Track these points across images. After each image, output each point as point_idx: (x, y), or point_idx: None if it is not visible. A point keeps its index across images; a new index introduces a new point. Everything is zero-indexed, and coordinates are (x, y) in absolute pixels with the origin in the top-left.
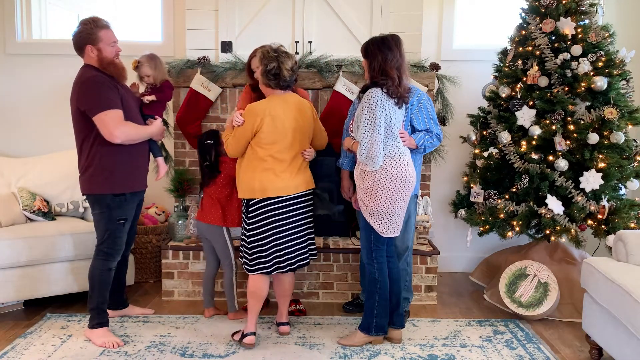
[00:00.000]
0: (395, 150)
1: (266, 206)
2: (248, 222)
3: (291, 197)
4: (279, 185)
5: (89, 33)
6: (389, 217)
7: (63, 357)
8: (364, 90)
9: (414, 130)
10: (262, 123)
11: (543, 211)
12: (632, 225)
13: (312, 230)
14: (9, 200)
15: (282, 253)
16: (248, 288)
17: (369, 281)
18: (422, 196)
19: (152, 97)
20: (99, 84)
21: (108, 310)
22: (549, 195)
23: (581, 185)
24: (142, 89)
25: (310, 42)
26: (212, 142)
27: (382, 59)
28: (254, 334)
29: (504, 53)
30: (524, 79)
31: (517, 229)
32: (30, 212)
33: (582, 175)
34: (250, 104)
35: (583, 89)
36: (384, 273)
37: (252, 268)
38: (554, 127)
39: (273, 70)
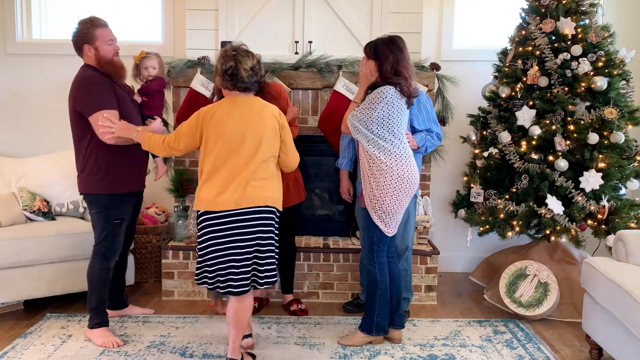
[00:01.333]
0: (402, 150)
1: (205, 220)
2: (197, 233)
3: (232, 214)
4: (214, 198)
5: (86, 32)
6: (392, 216)
7: (63, 357)
8: (373, 87)
9: (414, 130)
10: (205, 124)
11: (543, 211)
12: (632, 225)
13: (264, 254)
14: (9, 200)
15: (222, 273)
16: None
17: (370, 282)
18: (422, 196)
19: (138, 98)
20: (95, 84)
21: (108, 310)
22: (549, 195)
23: (581, 185)
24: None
25: (310, 42)
26: None
27: (394, 59)
28: None
29: (504, 53)
30: (524, 79)
31: (517, 229)
32: (30, 212)
33: (582, 175)
34: None
35: (583, 89)
36: (385, 273)
37: (198, 281)
38: (554, 127)
39: (230, 70)
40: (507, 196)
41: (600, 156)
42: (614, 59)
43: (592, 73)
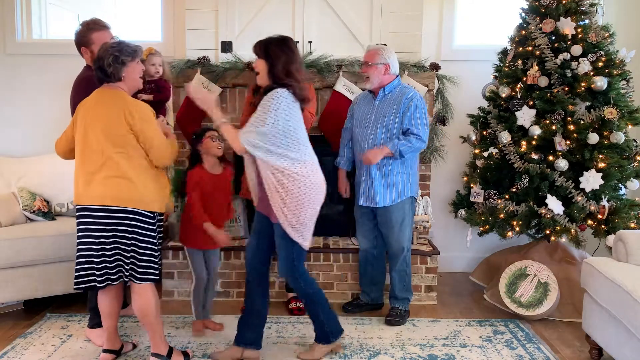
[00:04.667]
0: (310, 157)
1: (76, 211)
2: None
3: (86, 208)
4: (76, 190)
5: (82, 35)
6: (308, 227)
7: (63, 357)
8: (266, 91)
9: (406, 130)
10: (76, 116)
11: (543, 211)
12: (632, 225)
13: (113, 254)
14: (9, 200)
15: (88, 266)
16: None
17: (302, 297)
18: (422, 196)
19: (149, 97)
20: (92, 84)
21: None
22: (549, 195)
23: (581, 185)
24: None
25: (310, 42)
26: (194, 137)
27: (286, 60)
28: (109, 351)
29: (504, 53)
30: (524, 79)
31: (517, 229)
32: (30, 212)
33: (582, 175)
34: None
35: (583, 89)
36: (311, 282)
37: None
38: (554, 127)
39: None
40: (507, 196)
41: (600, 156)
42: (614, 59)
43: (592, 73)
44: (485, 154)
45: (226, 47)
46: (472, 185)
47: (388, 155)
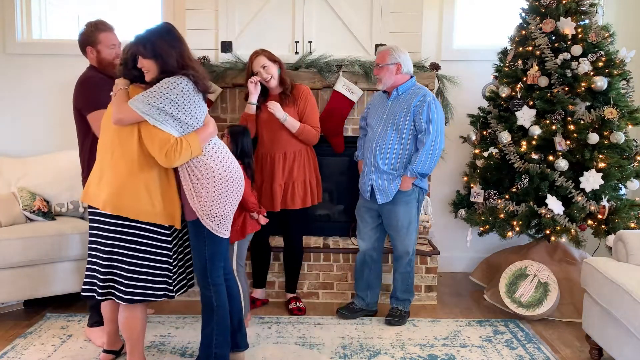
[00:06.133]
0: (211, 149)
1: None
2: None
3: (92, 210)
4: (86, 188)
5: (89, 35)
6: (225, 219)
7: (63, 357)
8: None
9: (417, 132)
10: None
11: (543, 211)
12: (632, 225)
13: (101, 261)
14: (9, 200)
15: (91, 274)
16: None
17: (205, 307)
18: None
19: None
20: (93, 84)
21: None
22: (549, 195)
23: (581, 185)
24: None
25: (310, 42)
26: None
27: (177, 54)
28: (107, 352)
29: (504, 53)
30: (524, 79)
31: (517, 229)
32: (30, 212)
33: (582, 175)
34: None
35: (583, 89)
36: (222, 297)
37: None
38: (554, 127)
39: None
40: (507, 196)
41: (600, 156)
42: (614, 59)
43: (592, 73)
44: (485, 154)
45: (226, 47)
46: (472, 185)
47: (413, 179)
